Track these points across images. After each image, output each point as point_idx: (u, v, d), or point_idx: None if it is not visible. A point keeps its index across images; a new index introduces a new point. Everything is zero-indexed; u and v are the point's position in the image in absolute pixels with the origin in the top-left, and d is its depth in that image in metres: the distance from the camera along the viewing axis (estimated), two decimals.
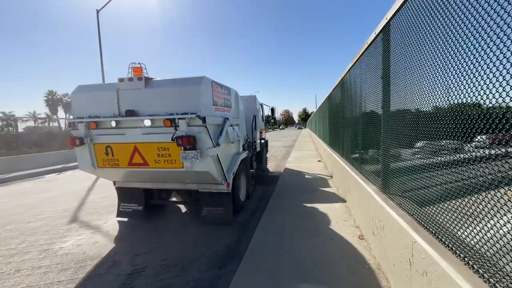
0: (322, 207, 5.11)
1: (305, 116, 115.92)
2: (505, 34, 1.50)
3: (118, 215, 5.48)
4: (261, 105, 9.21)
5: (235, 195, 5.51)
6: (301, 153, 14.14)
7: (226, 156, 5.19)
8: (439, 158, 2.15)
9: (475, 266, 1.79)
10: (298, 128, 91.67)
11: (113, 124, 4.58)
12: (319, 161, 11.00)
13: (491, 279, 1.66)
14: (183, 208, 5.75)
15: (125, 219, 5.43)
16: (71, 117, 4.73)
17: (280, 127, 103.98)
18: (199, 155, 4.25)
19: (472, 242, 1.80)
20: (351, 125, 5.21)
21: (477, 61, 1.70)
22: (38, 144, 17.21)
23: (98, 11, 16.95)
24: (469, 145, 1.78)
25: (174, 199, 6.25)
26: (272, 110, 11.00)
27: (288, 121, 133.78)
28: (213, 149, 4.43)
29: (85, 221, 5.44)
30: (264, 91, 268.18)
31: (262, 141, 9.19)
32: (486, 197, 1.66)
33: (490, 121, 1.61)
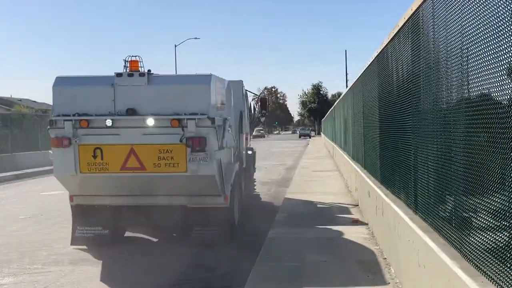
0: None
1: (317, 105, 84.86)
2: None
3: (73, 243, 7.32)
4: (246, 93, 10.88)
5: (232, 212, 7.66)
6: None
7: (223, 164, 7.24)
8: None
9: None
10: (302, 136, 73.26)
11: (109, 123, 6.51)
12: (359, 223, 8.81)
13: None
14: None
15: (83, 247, 7.33)
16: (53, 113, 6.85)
17: (255, 133, 76.26)
18: (208, 157, 6.40)
19: None
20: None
21: None
22: None
23: None
24: None
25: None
26: (263, 101, 12.16)
27: (276, 115, 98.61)
28: (218, 152, 6.67)
29: None
30: (211, 33, 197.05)
31: (250, 152, 11.35)
32: None
33: None
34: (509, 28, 2.64)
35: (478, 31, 3.22)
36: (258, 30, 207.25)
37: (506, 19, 2.67)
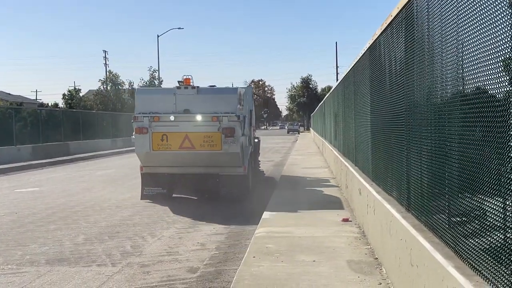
0: None
1: (306, 99, 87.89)
2: None
3: (142, 198, 11.70)
4: (253, 95, 15.28)
5: (248, 179, 11.87)
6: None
7: (243, 146, 11.49)
8: None
9: None
10: (290, 132, 76.89)
11: (172, 118, 10.80)
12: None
13: None
14: None
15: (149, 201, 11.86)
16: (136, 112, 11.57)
17: None
18: (235, 140, 10.80)
19: None
20: None
21: None
22: None
23: None
24: None
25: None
26: (266, 101, 22.03)
27: (263, 109, 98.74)
28: (241, 137, 11.09)
29: None
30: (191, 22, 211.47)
31: (256, 140, 15.38)
32: None
33: None
34: (507, 18, 2.59)
35: (475, 21, 3.18)
36: (246, 23, 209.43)
37: (504, 8, 2.60)
